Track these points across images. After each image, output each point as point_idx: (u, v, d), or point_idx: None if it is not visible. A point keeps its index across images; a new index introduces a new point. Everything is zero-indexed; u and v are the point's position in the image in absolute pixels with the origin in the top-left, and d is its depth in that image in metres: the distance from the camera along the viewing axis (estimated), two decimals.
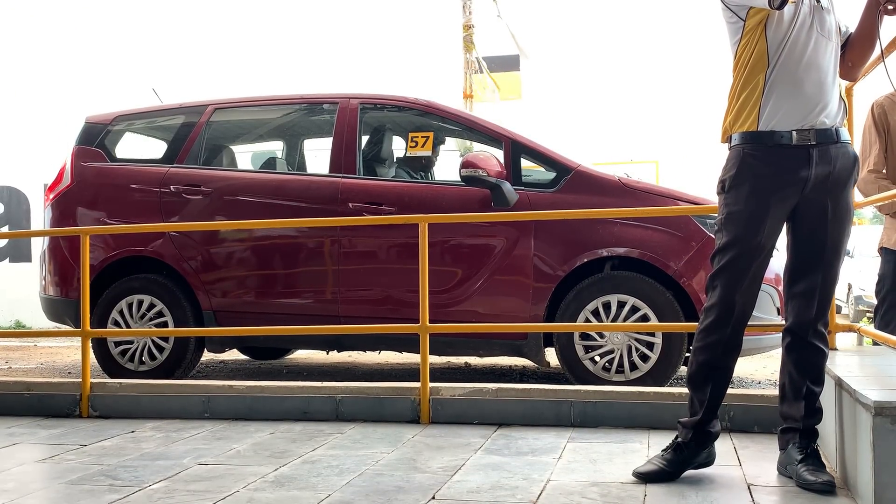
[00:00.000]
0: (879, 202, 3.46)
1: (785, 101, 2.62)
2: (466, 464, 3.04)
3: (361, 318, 5.02)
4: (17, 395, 4.28)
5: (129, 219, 5.40)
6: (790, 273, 2.75)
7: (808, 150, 2.62)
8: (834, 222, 2.66)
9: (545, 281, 4.77)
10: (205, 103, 5.69)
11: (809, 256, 2.69)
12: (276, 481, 2.84)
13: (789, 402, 2.73)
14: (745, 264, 2.68)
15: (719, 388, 2.79)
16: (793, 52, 2.62)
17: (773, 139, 2.63)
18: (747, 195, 2.65)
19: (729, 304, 2.69)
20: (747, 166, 2.66)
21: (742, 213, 2.66)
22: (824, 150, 2.63)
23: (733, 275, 2.68)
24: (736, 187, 2.68)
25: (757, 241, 2.66)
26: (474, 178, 4.75)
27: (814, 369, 2.71)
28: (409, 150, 5.39)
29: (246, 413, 4.02)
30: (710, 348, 2.74)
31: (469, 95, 10.04)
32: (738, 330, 2.74)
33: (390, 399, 3.90)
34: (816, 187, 2.64)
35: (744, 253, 2.67)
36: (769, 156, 2.64)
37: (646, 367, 4.60)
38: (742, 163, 2.67)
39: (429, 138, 5.34)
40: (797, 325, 2.72)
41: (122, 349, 5.32)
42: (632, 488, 2.69)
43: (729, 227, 2.69)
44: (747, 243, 2.66)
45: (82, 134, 5.76)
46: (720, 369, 2.77)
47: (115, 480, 2.89)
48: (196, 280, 5.29)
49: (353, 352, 6.60)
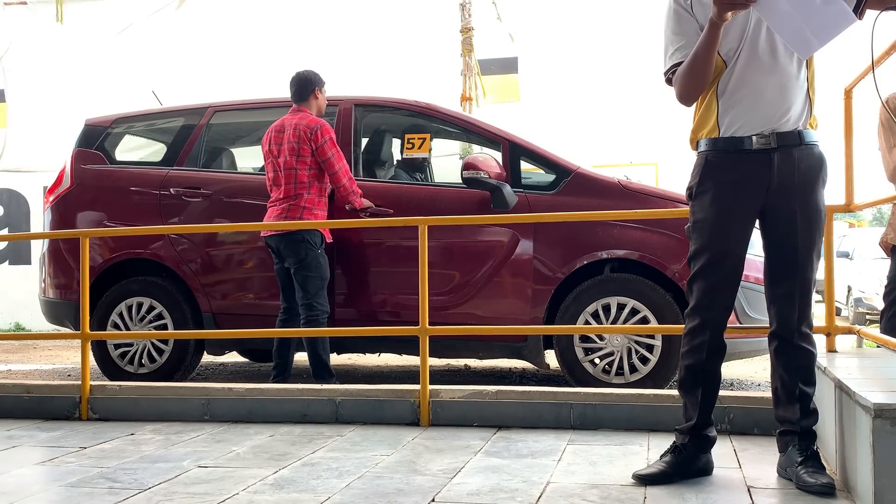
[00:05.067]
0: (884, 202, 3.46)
1: (744, 106, 2.63)
2: (466, 466, 3.04)
3: (361, 321, 5.03)
4: (17, 397, 4.28)
5: (128, 221, 5.41)
6: (768, 277, 2.76)
7: (769, 154, 2.63)
8: (804, 225, 2.66)
9: (545, 283, 4.78)
10: (204, 105, 5.69)
11: (784, 260, 2.70)
12: (276, 484, 2.84)
13: (784, 406, 2.74)
14: (717, 270, 2.71)
15: (710, 391, 2.81)
16: (750, 57, 2.62)
17: (735, 145, 2.65)
18: (710, 203, 2.69)
19: (706, 309, 2.74)
20: (710, 173, 2.70)
21: (707, 220, 2.70)
22: (786, 154, 2.63)
23: (707, 280, 2.72)
24: (700, 195, 2.72)
25: (725, 247, 2.70)
26: (476, 181, 4.74)
27: (804, 371, 2.71)
28: (406, 151, 5.39)
29: (245, 415, 4.02)
30: (695, 352, 2.77)
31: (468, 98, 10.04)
32: (718, 333, 2.77)
33: (390, 401, 3.90)
34: (782, 191, 2.65)
35: (714, 260, 2.70)
36: (730, 162, 2.67)
37: (645, 369, 4.61)
38: (705, 170, 2.71)
39: (425, 140, 5.34)
40: (782, 328, 2.72)
41: (122, 351, 5.32)
42: (632, 490, 2.69)
43: (697, 235, 2.74)
44: (716, 250, 2.70)
45: (82, 136, 5.76)
46: (707, 372, 2.79)
47: (115, 483, 2.89)
48: (195, 282, 5.29)
49: (352, 354, 6.60)
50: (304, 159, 4.77)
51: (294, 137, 4.78)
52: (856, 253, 14.11)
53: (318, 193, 4.84)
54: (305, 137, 4.78)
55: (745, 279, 4.51)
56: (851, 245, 14.53)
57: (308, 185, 4.80)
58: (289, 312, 4.91)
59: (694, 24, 2.68)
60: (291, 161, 4.78)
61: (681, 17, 2.71)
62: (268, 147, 4.91)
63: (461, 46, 10.16)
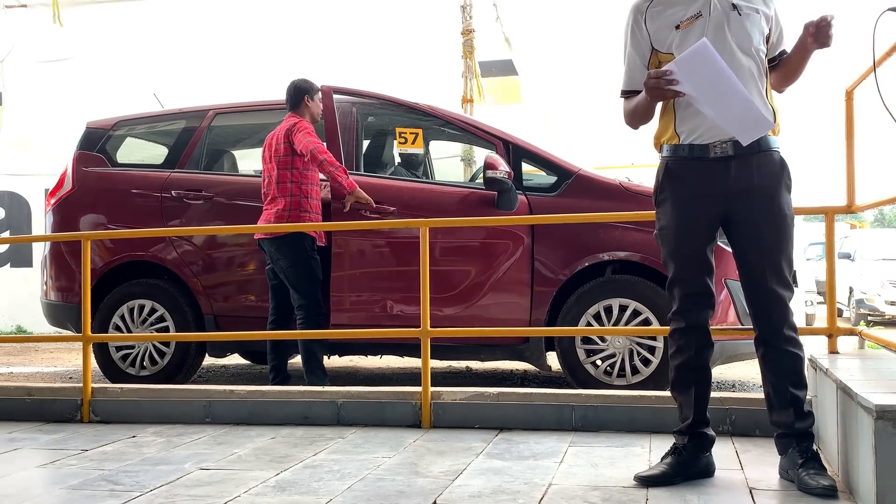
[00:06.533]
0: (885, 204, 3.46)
1: (702, 116, 2.67)
2: (468, 468, 3.04)
3: (363, 323, 5.02)
4: (19, 400, 4.28)
5: (130, 224, 5.41)
6: (743, 284, 2.78)
7: (727, 162, 2.67)
8: (770, 229, 2.67)
9: (547, 285, 4.77)
10: (206, 108, 5.70)
11: (754, 266, 2.71)
12: (278, 486, 2.84)
13: (777, 411, 2.74)
14: (687, 274, 2.77)
15: (702, 388, 2.83)
16: None
17: (693, 153, 2.70)
18: (670, 210, 2.76)
19: (688, 311, 2.79)
20: (668, 181, 2.77)
21: (669, 227, 2.77)
22: (745, 161, 2.66)
23: (680, 285, 2.79)
24: (662, 202, 2.80)
25: (690, 252, 2.76)
26: (496, 181, 4.70)
27: (792, 374, 2.71)
28: (399, 146, 5.39)
29: (247, 418, 4.02)
30: (682, 351, 2.81)
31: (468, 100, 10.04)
32: (703, 331, 2.80)
33: (391, 403, 3.90)
34: (743, 198, 2.68)
35: (682, 265, 2.77)
36: (689, 169, 2.72)
37: (647, 371, 4.60)
38: (664, 177, 2.79)
39: (418, 135, 5.34)
40: (764, 333, 2.74)
41: (124, 354, 5.32)
42: (633, 492, 2.69)
43: (663, 243, 2.82)
44: (682, 255, 2.77)
45: (83, 139, 5.76)
46: (697, 369, 2.81)
47: (117, 485, 2.89)
48: (197, 285, 5.29)
49: (353, 356, 6.60)
50: (286, 160, 4.79)
51: (282, 140, 4.82)
52: (857, 254, 14.10)
53: (306, 195, 4.84)
54: (283, 138, 4.81)
55: None
56: (853, 246, 14.52)
57: (296, 185, 4.80)
58: (277, 313, 4.91)
59: (646, 40, 2.77)
60: (274, 165, 4.84)
61: (634, 35, 2.81)
62: (263, 153, 4.98)
63: (462, 48, 10.16)
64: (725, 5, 2.67)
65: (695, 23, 2.68)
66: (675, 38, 2.70)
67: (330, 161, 4.76)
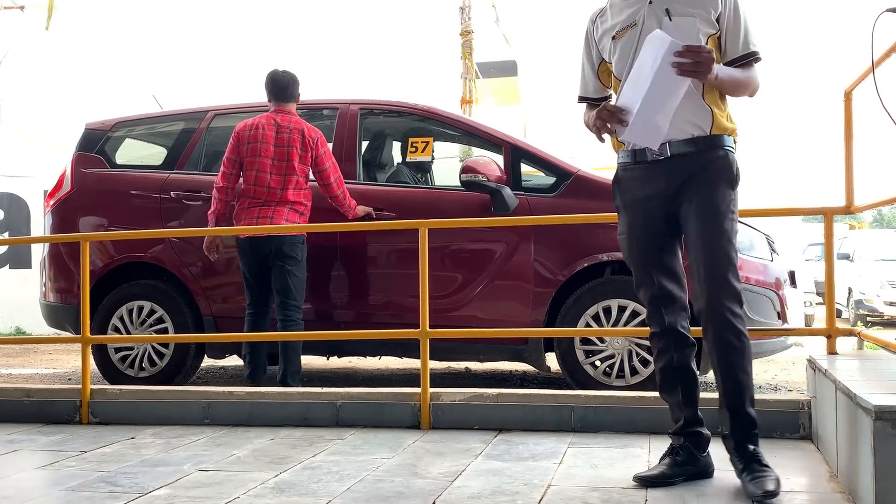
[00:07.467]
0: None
1: None
2: (467, 469, 3.04)
3: (361, 324, 5.02)
4: (17, 401, 4.28)
5: (129, 225, 5.40)
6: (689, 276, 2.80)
7: (665, 163, 2.72)
8: (703, 220, 2.67)
9: (545, 286, 4.77)
10: (205, 109, 5.69)
11: (692, 257, 2.72)
12: (277, 487, 2.84)
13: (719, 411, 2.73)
14: (645, 278, 2.83)
15: (689, 387, 2.84)
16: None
17: (635, 157, 2.78)
18: (622, 217, 2.86)
19: (660, 315, 2.82)
20: (618, 188, 2.87)
21: (623, 233, 2.87)
22: (680, 160, 2.70)
23: (645, 289, 2.84)
24: (617, 210, 2.89)
25: (647, 258, 2.81)
26: (474, 183, 4.75)
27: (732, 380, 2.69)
28: (409, 155, 5.39)
29: (246, 419, 4.02)
30: (663, 353, 2.84)
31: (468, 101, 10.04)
32: (680, 332, 2.81)
33: (390, 404, 3.90)
34: (681, 197, 2.72)
35: (638, 270, 2.84)
36: (632, 175, 2.81)
37: (646, 371, 4.60)
38: (615, 184, 2.88)
39: (428, 143, 5.35)
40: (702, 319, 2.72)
41: (123, 355, 5.31)
42: (633, 493, 2.69)
43: (623, 249, 2.90)
44: (636, 260, 2.84)
45: (82, 140, 5.76)
46: (680, 369, 2.83)
47: (116, 487, 2.89)
48: (196, 286, 5.29)
49: (352, 357, 6.60)
50: (303, 167, 4.77)
51: (297, 143, 4.76)
52: (856, 255, 14.11)
53: (307, 197, 4.85)
54: (310, 144, 4.77)
55: (746, 281, 4.52)
56: (852, 247, 14.53)
57: (305, 187, 4.81)
58: (256, 307, 4.87)
59: (595, 49, 2.89)
60: (282, 165, 4.74)
61: (587, 44, 2.93)
62: (252, 144, 4.77)
63: (461, 49, 10.17)
64: (659, 12, 2.69)
65: (629, 32, 2.73)
66: (613, 47, 2.78)
67: (346, 193, 4.85)
